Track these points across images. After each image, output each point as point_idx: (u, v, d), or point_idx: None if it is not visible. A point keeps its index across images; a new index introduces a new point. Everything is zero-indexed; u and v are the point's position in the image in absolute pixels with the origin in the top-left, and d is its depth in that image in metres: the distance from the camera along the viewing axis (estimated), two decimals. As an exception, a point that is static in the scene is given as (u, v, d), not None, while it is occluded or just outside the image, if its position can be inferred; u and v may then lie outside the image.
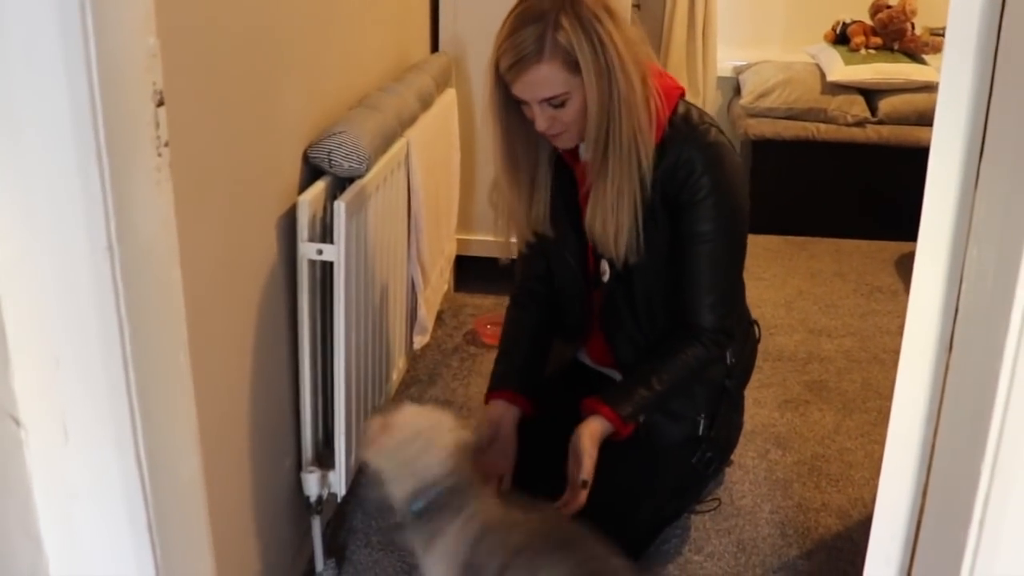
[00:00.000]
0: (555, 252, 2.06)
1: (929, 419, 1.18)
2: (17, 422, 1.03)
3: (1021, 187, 0.93)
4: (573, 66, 1.73)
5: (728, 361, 2.06)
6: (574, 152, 1.95)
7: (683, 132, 1.86)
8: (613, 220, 1.84)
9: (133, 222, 1.01)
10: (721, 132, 1.91)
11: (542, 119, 1.79)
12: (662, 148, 1.84)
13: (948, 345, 1.13)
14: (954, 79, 1.05)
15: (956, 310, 1.10)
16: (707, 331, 1.94)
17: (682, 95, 1.92)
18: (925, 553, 1.21)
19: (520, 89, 1.77)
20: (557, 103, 1.76)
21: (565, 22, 1.71)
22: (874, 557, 1.32)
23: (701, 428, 2.06)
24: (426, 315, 2.55)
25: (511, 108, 1.84)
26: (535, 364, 2.11)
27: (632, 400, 1.92)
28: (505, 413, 1.97)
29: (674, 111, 1.88)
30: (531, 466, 1.93)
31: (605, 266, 1.98)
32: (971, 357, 1.05)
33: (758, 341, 2.27)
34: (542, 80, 1.74)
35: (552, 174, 1.95)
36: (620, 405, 1.90)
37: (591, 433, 1.86)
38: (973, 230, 1.05)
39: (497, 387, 2.03)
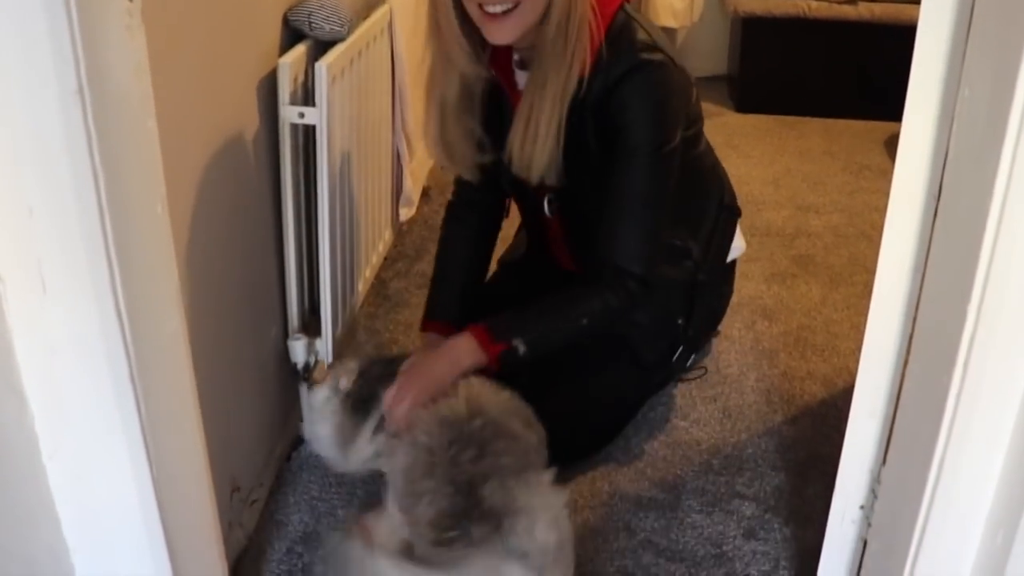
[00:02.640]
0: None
1: (916, 269, 1.18)
2: (-6, 273, 1.02)
3: (1015, 25, 0.91)
4: None
5: (694, 256, 1.97)
6: (511, 80, 1.79)
7: (616, 57, 1.68)
8: (532, 141, 1.69)
9: (104, 66, 0.98)
10: (659, 50, 1.71)
11: None
12: (595, 73, 1.67)
13: (937, 192, 1.12)
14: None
15: (945, 156, 1.09)
16: (624, 277, 1.74)
17: (621, 5, 1.73)
18: (908, 403, 1.21)
19: None
20: None
21: None
22: (857, 411, 1.33)
23: (680, 330, 2.02)
24: (412, 187, 2.52)
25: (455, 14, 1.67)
26: (472, 288, 2.00)
27: (513, 326, 1.73)
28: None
29: (610, 27, 1.69)
30: None
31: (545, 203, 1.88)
32: (960, 200, 1.04)
33: (736, 216, 2.14)
34: None
35: (485, 107, 1.80)
36: (499, 329, 1.71)
37: (452, 359, 1.68)
38: (965, 71, 1.03)
39: (434, 317, 1.93)
